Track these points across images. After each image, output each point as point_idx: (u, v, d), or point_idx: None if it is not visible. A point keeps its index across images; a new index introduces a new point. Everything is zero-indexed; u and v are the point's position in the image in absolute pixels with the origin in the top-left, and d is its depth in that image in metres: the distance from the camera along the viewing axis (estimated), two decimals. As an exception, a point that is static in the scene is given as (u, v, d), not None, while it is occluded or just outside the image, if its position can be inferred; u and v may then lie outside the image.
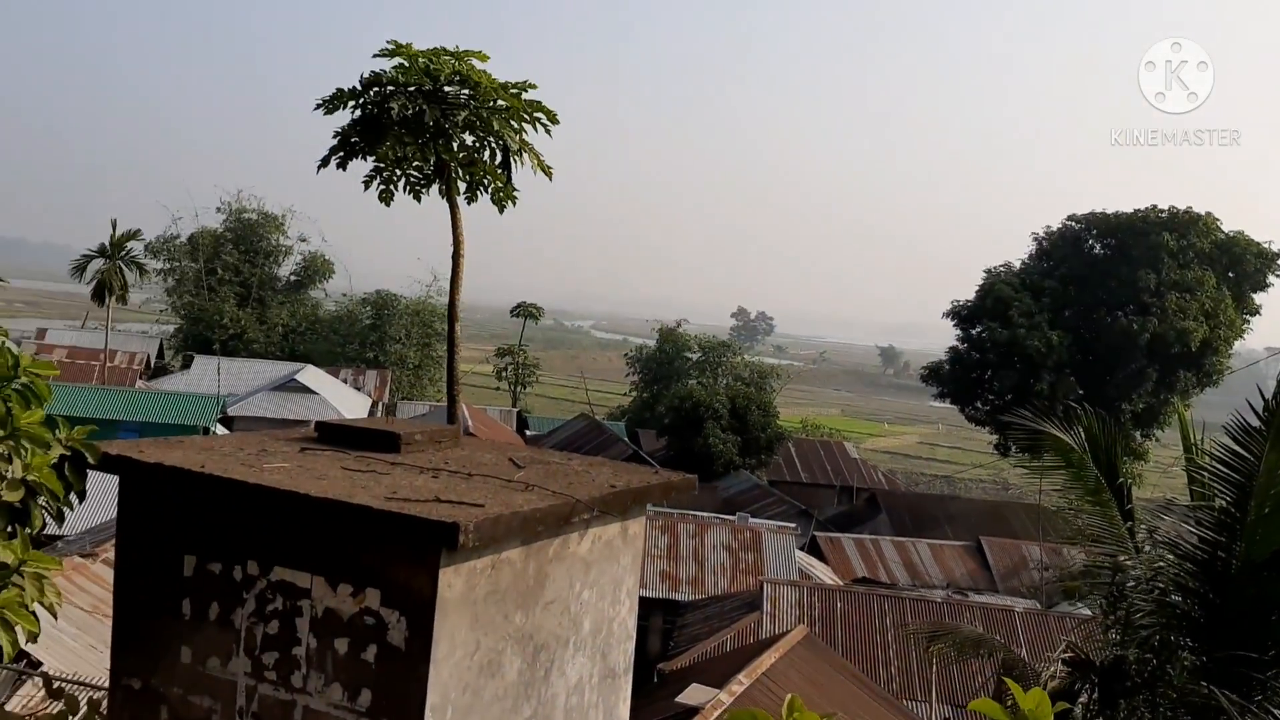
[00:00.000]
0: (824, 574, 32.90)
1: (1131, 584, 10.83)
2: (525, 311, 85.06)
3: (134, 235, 59.03)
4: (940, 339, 55.49)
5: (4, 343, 3.91)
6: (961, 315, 51.15)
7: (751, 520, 33.56)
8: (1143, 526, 11.56)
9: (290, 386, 53.81)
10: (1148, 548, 11.44)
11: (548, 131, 17.12)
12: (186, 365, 61.95)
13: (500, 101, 16.78)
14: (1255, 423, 10.48)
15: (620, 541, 4.75)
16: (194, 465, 3.83)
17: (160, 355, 72.47)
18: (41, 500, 3.84)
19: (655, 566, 29.58)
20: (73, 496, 3.96)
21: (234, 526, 3.69)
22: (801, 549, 35.33)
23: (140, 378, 58.19)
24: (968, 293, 51.77)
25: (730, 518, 33.83)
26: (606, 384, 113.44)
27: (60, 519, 3.99)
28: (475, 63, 16.62)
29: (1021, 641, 21.70)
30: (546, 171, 17.26)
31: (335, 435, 4.61)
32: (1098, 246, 50.39)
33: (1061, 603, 27.19)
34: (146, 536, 3.88)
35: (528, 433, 59.45)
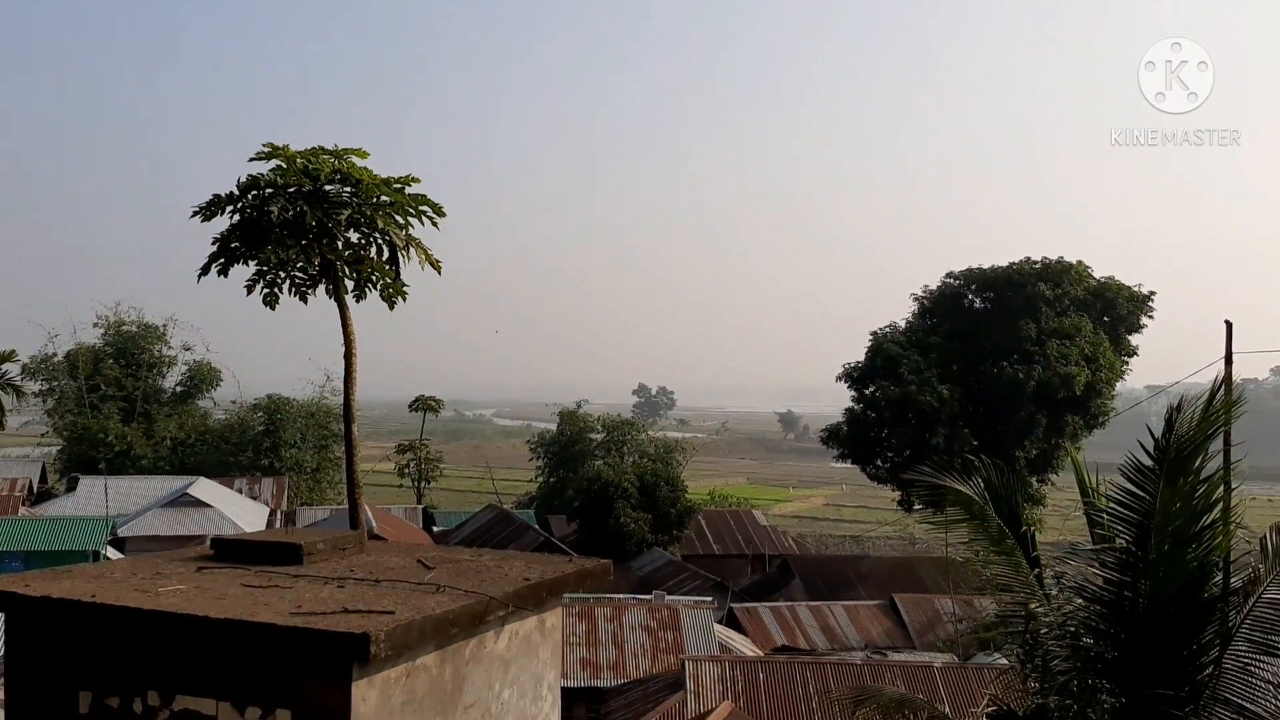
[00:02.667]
0: (744, 646, 32.75)
1: (1045, 630, 10.98)
2: (424, 405, 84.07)
3: (8, 356, 56.93)
4: (836, 401, 56.45)
5: None
6: (854, 376, 52.17)
7: (668, 597, 33.33)
8: (1049, 572, 11.77)
9: (183, 501, 52.03)
10: (1056, 593, 11.63)
11: (434, 224, 17.07)
12: (72, 487, 59.49)
13: (384, 197, 16.69)
14: (1148, 462, 10.79)
15: (538, 635, 4.65)
16: (84, 595, 3.65)
17: (43, 479, 69.48)
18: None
19: (575, 654, 29.09)
20: (-48, 640, 3.73)
21: (131, 656, 3.52)
22: (719, 622, 35.17)
23: (23, 504, 55.57)
24: (858, 354, 52.98)
25: (647, 597, 33.57)
26: (512, 472, 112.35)
27: (-60, 665, 3.75)
28: (355, 160, 16.54)
29: (944, 697, 21.84)
30: (436, 266, 17.16)
31: (233, 551, 4.45)
32: (978, 300, 52.11)
33: (979, 654, 27.50)
34: (38, 674, 3.67)
35: (435, 529, 58.35)
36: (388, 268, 17.13)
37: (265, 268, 17.00)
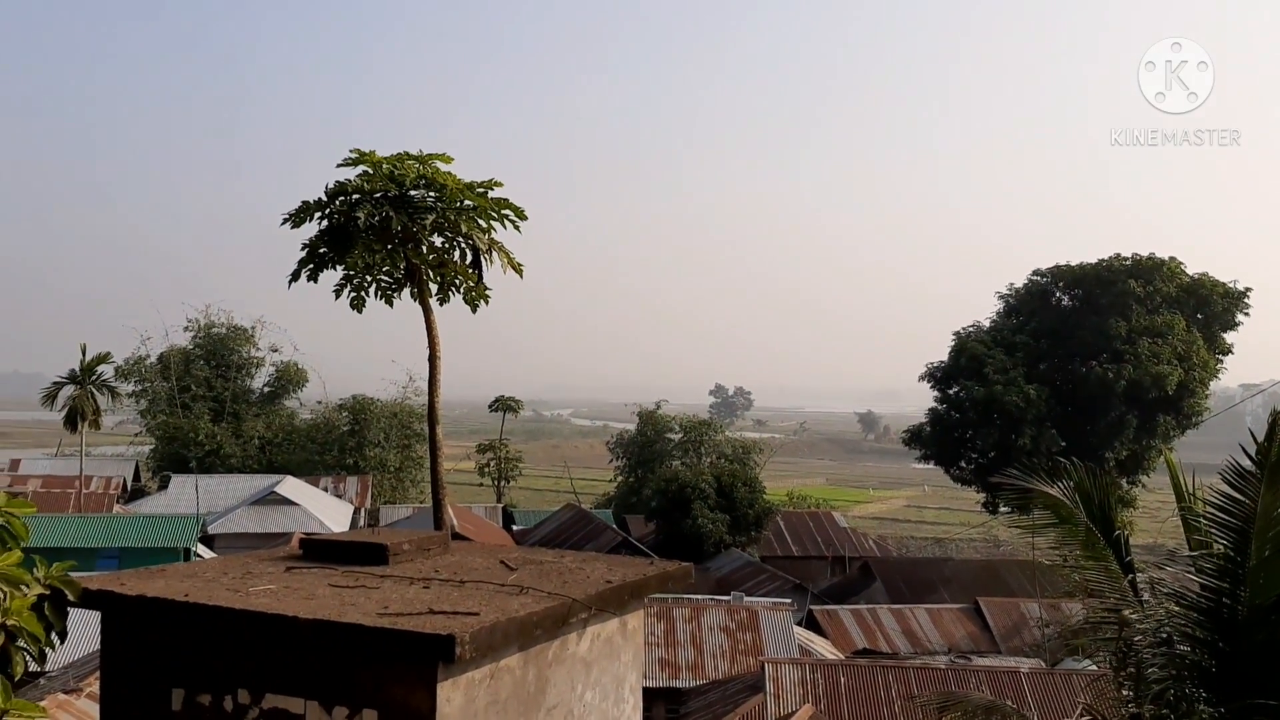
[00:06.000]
0: (824, 648, 32.44)
1: (1139, 637, 10.68)
2: (504, 405, 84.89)
3: (104, 359, 58.74)
4: (917, 401, 55.72)
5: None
6: (937, 376, 51.41)
7: (746, 599, 33.16)
8: (1143, 577, 11.44)
9: (270, 499, 53.20)
10: (1151, 599, 11.31)
11: (516, 228, 17.19)
12: (164, 486, 61.23)
13: (467, 202, 16.85)
14: (1249, 465, 10.44)
15: (620, 638, 4.64)
16: (177, 595, 3.71)
17: (136, 478, 71.65)
18: (21, 643, 3.71)
19: (653, 654, 29.10)
20: (54, 636, 3.83)
21: (222, 655, 3.57)
22: (799, 624, 34.91)
23: (117, 502, 57.37)
24: (941, 354, 52.16)
25: (725, 598, 33.44)
26: (590, 471, 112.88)
27: (42, 660, 3.85)
28: (440, 165, 16.73)
29: (1031, 704, 21.38)
30: (517, 269, 17.29)
31: (321, 551, 4.51)
32: (1065, 298, 50.97)
33: (1066, 660, 26.88)
34: (132, 671, 3.75)
35: (514, 527, 58.87)
36: (471, 271, 17.30)
37: (352, 272, 17.29)
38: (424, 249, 17.16)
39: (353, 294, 17.47)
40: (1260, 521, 10.11)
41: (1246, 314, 49.37)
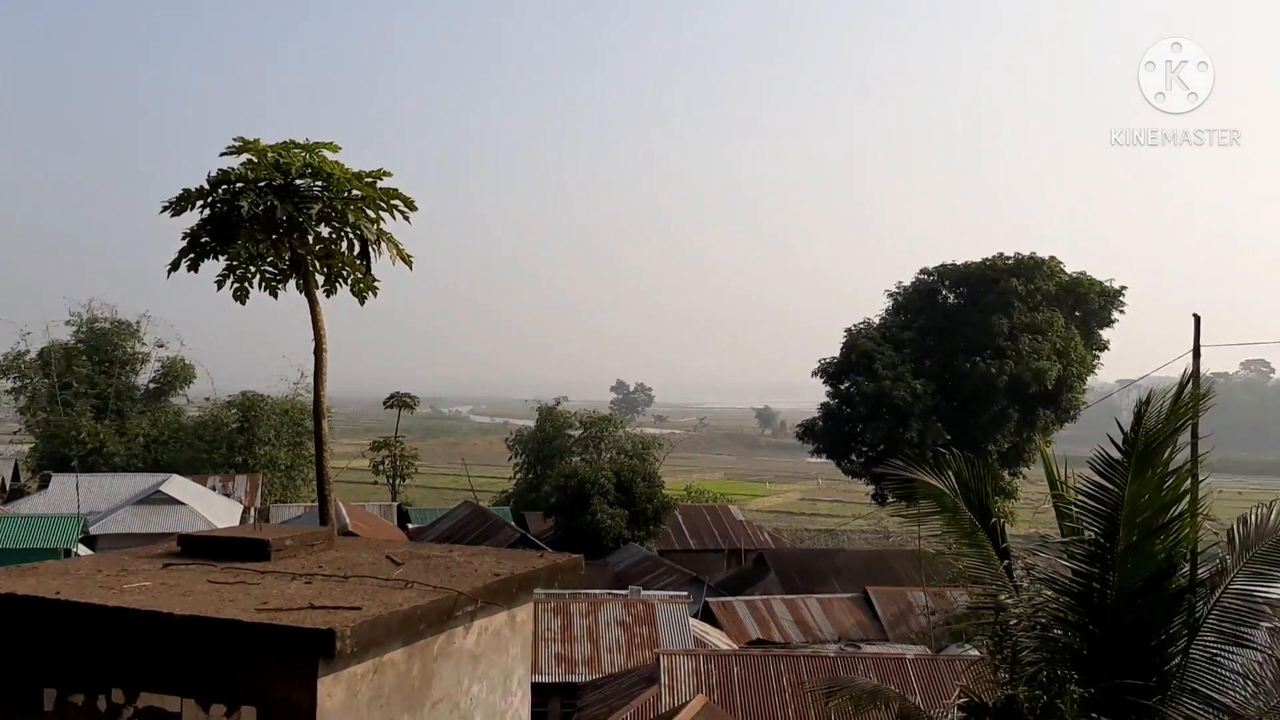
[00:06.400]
0: (719, 639, 32.84)
1: (1014, 622, 11.07)
2: (399, 401, 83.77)
3: (-22, 354, 56.24)
4: (813, 397, 56.65)
5: None
6: (829, 372, 52.40)
7: (644, 592, 33.38)
8: (1019, 564, 11.87)
9: (155, 499, 51.61)
10: (1026, 585, 11.73)
11: (406, 218, 16.94)
12: (44, 485, 58.92)
13: (355, 191, 16.56)
14: (1117, 455, 10.90)
15: (508, 630, 4.66)
16: (48, 592, 3.62)
17: (15, 477, 68.79)
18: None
19: (549, 649, 29.09)
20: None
21: (95, 653, 3.50)
22: (695, 616, 35.27)
23: (-7, 502, 55.02)
24: (835, 350, 53.16)
25: (623, 592, 33.60)
26: (489, 469, 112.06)
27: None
28: (327, 153, 16.41)
29: (915, 689, 21.98)
30: (407, 261, 17.05)
31: (200, 547, 4.43)
32: (951, 296, 52.41)
33: (950, 645, 27.68)
34: (2, 670, 3.65)
35: (410, 526, 58.15)
36: (359, 262, 17.00)
37: (235, 262, 16.84)
38: (310, 239, 16.80)
39: (235, 285, 17.01)
40: (1127, 508, 10.58)
41: (1122, 311, 51.48)
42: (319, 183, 16.40)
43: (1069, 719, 10.06)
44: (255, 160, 16.18)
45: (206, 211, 16.43)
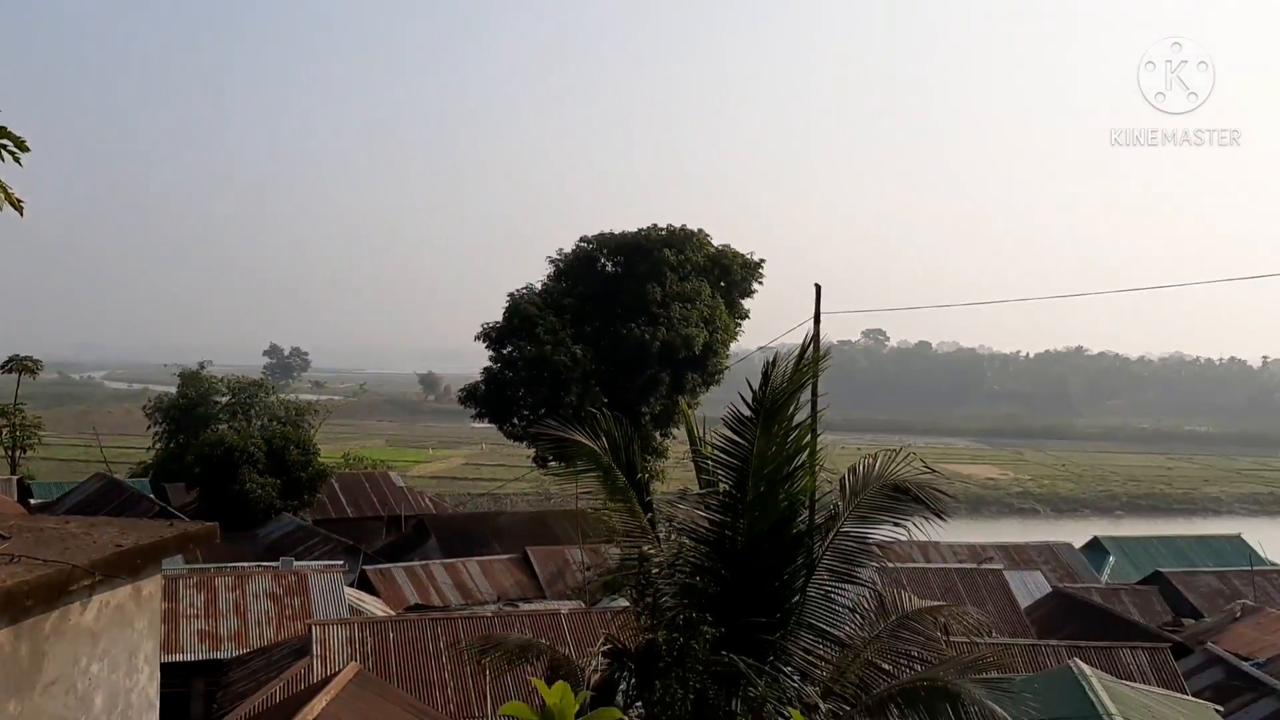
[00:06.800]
0: (375, 607, 32.44)
1: (655, 571, 11.77)
2: (19, 366, 75.70)
3: None
4: (477, 361, 56.68)
5: None
6: (492, 336, 52.66)
7: (296, 564, 32.35)
8: (662, 516, 12.60)
9: None
10: (666, 535, 12.49)
11: (17, 160, 15.31)
12: None
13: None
14: (747, 412, 11.79)
15: (133, 605, 4.41)
16: None
17: None
18: None
19: (191, 626, 27.54)
20: None
21: None
22: (352, 585, 34.64)
23: None
24: (497, 315, 53.46)
25: (274, 564, 32.36)
26: (126, 439, 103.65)
27: None
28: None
29: (569, 641, 22.81)
30: (16, 206, 15.43)
31: None
32: (609, 264, 54.08)
33: (604, 599, 28.89)
34: None
35: (33, 501, 52.85)
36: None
37: None
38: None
39: None
40: (756, 461, 11.50)
41: (761, 282, 55.28)
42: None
43: (702, 656, 10.85)
44: None
45: None
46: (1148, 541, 52.29)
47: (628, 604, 13.33)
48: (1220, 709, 20.57)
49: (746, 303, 55.78)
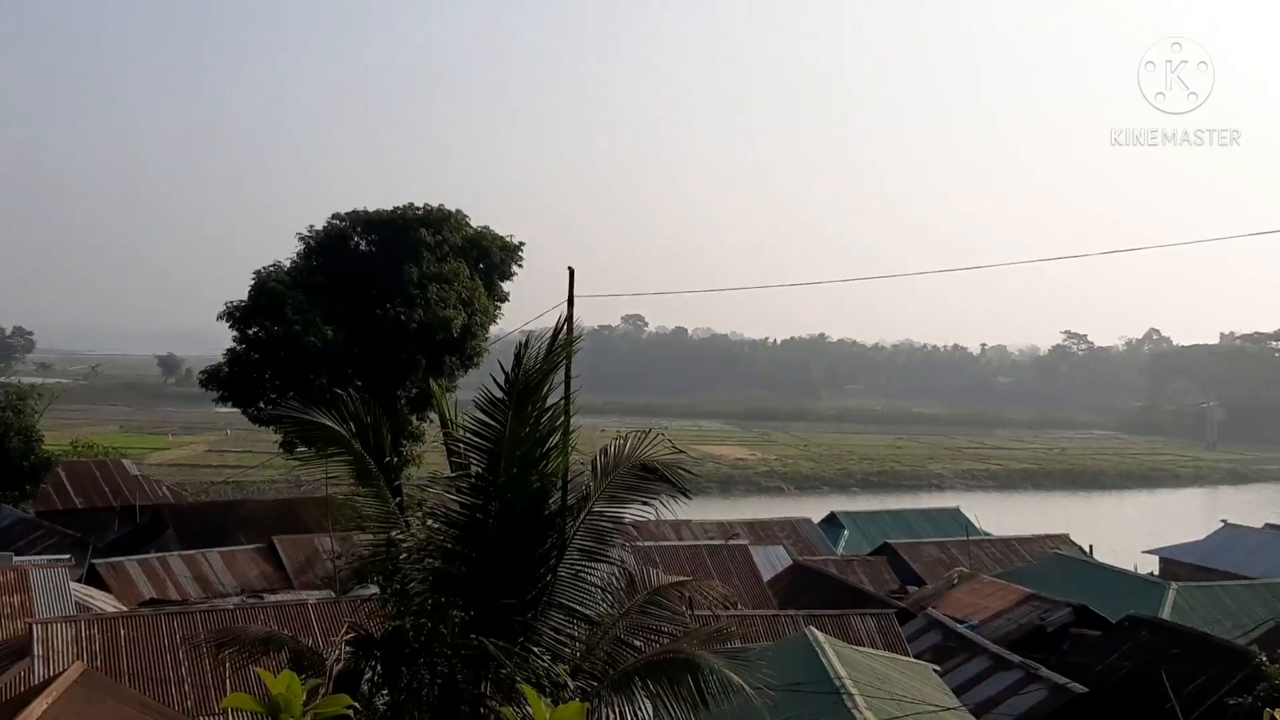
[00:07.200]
0: (106, 603, 30.39)
1: (404, 556, 11.58)
2: None
3: None
4: (222, 343, 53.75)
5: None
6: (236, 316, 50.19)
7: (16, 559, 30.02)
8: (412, 501, 12.41)
9: None
10: (422, 521, 12.31)
11: None
12: None
13: None
14: (500, 395, 11.77)
15: None
16: None
17: None
18: None
19: (-112, 634, 24.91)
20: None
21: None
22: (80, 580, 32.36)
23: None
24: (243, 294, 50.99)
25: (-13, 562, 29.79)
26: None
27: None
28: None
29: (316, 631, 22.12)
30: None
31: None
32: (364, 243, 52.54)
33: (355, 587, 28.16)
34: None
35: None
36: None
37: None
38: None
39: None
40: (508, 443, 11.50)
41: (521, 265, 55.18)
42: None
43: (450, 641, 10.77)
44: None
45: None
46: (878, 516, 55.94)
47: (377, 590, 13.06)
48: (938, 668, 22.27)
49: (507, 285, 55.61)
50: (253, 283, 51.00)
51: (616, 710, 11.17)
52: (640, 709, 11.23)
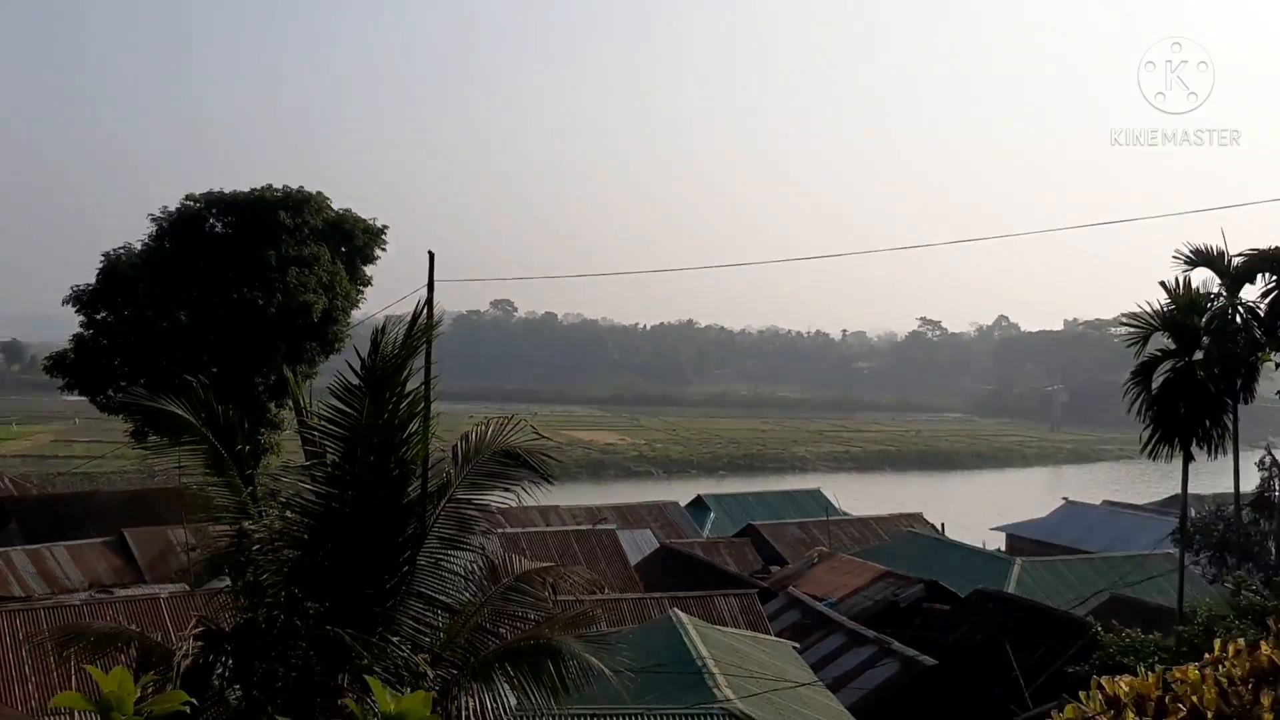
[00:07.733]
0: (-60, 604, 28.79)
1: (256, 548, 11.31)
2: None
3: None
4: (70, 328, 51.28)
5: None
6: (83, 300, 48.01)
7: None
8: (265, 490, 12.12)
9: None
10: (281, 510, 12.02)
11: None
12: None
13: None
14: (356, 381, 11.58)
15: None
16: None
17: None
18: None
19: None
20: None
21: None
22: (-91, 581, 30.58)
23: None
24: (91, 277, 48.80)
25: None
26: None
27: None
28: None
29: (169, 626, 21.44)
30: None
31: None
32: (219, 225, 50.73)
33: (211, 580, 27.34)
34: None
35: None
36: None
37: None
38: None
39: None
40: (365, 430, 11.32)
41: (384, 249, 54.10)
42: None
43: (306, 633, 10.58)
44: None
45: None
46: (743, 498, 57.05)
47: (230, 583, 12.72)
48: (798, 645, 22.91)
49: (370, 269, 54.45)
50: (101, 265, 48.85)
51: (477, 698, 11.14)
52: (501, 697, 11.23)
